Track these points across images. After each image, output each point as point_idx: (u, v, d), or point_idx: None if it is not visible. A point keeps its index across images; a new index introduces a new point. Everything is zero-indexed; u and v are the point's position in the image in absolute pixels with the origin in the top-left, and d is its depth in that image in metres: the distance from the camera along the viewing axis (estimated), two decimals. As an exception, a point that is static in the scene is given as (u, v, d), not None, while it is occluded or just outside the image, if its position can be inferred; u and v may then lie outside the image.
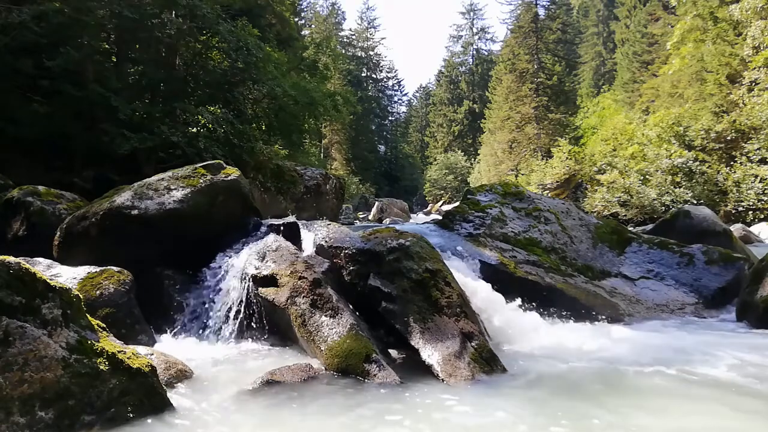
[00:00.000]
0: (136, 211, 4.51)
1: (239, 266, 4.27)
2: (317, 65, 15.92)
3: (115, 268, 4.05)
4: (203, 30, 10.31)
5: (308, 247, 4.62)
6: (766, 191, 15.88)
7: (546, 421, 2.60)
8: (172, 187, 4.71)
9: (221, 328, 4.16)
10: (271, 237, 4.64)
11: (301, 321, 3.67)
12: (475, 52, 58.79)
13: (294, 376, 3.19)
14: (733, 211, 16.32)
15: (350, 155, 43.72)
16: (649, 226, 10.55)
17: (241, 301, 4.15)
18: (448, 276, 3.91)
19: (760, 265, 5.07)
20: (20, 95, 8.13)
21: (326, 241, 4.38)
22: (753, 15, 18.19)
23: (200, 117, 9.69)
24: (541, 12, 38.59)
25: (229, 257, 4.52)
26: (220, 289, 4.30)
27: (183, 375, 3.22)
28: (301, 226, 5.04)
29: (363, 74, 56.00)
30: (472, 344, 3.43)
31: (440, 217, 6.75)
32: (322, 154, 37.28)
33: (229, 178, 4.94)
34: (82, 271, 3.96)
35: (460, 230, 5.85)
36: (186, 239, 4.62)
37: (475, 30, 58.98)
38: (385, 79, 60.68)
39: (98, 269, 4.00)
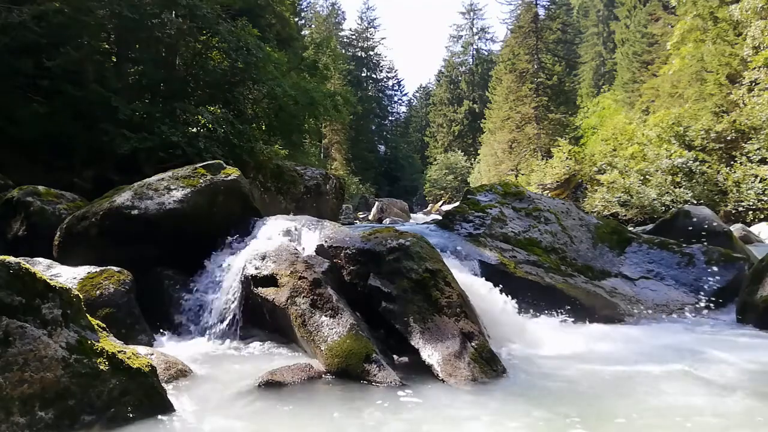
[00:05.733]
0: (136, 211, 4.51)
1: (239, 266, 4.27)
2: (317, 65, 15.89)
3: (115, 268, 4.05)
4: (203, 30, 10.31)
5: (308, 247, 4.62)
6: (766, 191, 15.87)
7: (545, 421, 2.60)
8: (172, 187, 4.72)
9: (221, 327, 4.16)
10: (271, 237, 4.64)
11: (301, 321, 3.67)
12: (475, 52, 58.77)
13: (294, 376, 3.19)
14: (733, 211, 16.30)
15: (350, 155, 43.71)
16: (649, 226, 10.54)
17: (241, 301, 4.15)
18: (448, 276, 3.91)
19: (760, 265, 5.07)
20: (20, 95, 8.12)
21: (326, 241, 4.38)
22: (753, 15, 18.18)
23: (200, 117, 9.68)
24: (541, 12, 38.66)
25: (229, 257, 4.53)
26: (220, 289, 4.30)
27: (183, 375, 3.22)
28: (300, 226, 5.03)
29: (363, 74, 55.98)
30: (472, 344, 3.43)
31: (440, 217, 6.75)
32: (322, 154, 37.26)
33: (229, 178, 4.94)
34: (82, 271, 3.96)
35: (460, 230, 5.84)
36: (186, 239, 4.62)
37: (475, 30, 58.97)
38: (385, 79, 60.73)
39: (98, 269, 4.00)
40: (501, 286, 4.61)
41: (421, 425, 2.61)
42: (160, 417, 2.60)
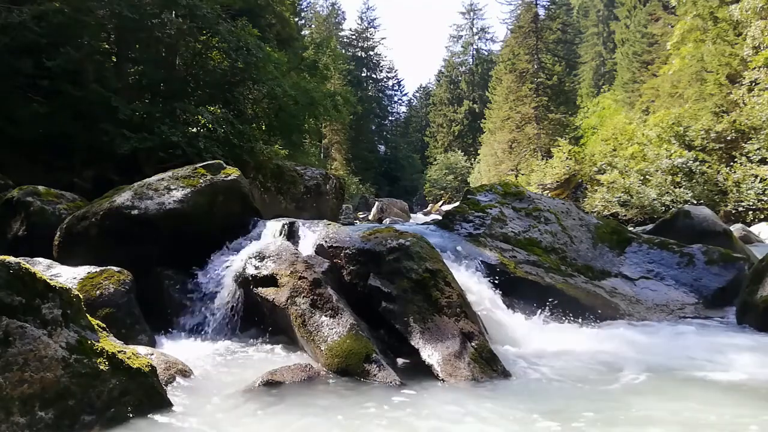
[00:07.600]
0: (136, 211, 4.51)
1: (239, 266, 4.27)
2: (317, 65, 15.89)
3: (115, 268, 4.05)
4: (203, 30, 10.31)
5: (308, 247, 4.62)
6: (766, 191, 15.85)
7: (545, 421, 2.60)
8: (172, 187, 4.72)
9: (221, 327, 4.16)
10: (271, 237, 4.64)
11: (301, 321, 3.67)
12: (475, 52, 58.71)
13: (294, 376, 3.19)
14: (733, 211, 16.29)
15: (350, 155, 43.69)
16: (649, 226, 10.54)
17: (241, 300, 4.15)
18: (448, 276, 3.91)
19: (760, 265, 5.07)
20: (20, 95, 8.13)
21: (326, 241, 4.38)
22: (753, 15, 18.17)
23: (200, 117, 9.69)
24: (541, 12, 38.60)
25: (229, 257, 4.53)
26: (220, 289, 4.30)
27: (183, 375, 3.22)
28: (301, 226, 5.04)
29: (363, 74, 55.91)
30: (472, 344, 3.43)
31: (440, 217, 6.75)
32: (322, 154, 37.24)
33: (229, 178, 4.95)
34: (82, 271, 3.97)
35: (460, 230, 5.84)
36: (186, 239, 4.62)
37: (475, 30, 58.90)
38: (385, 79, 60.64)
39: (98, 269, 4.00)
40: (501, 286, 4.62)
41: (422, 425, 2.61)
42: (160, 417, 2.60)
